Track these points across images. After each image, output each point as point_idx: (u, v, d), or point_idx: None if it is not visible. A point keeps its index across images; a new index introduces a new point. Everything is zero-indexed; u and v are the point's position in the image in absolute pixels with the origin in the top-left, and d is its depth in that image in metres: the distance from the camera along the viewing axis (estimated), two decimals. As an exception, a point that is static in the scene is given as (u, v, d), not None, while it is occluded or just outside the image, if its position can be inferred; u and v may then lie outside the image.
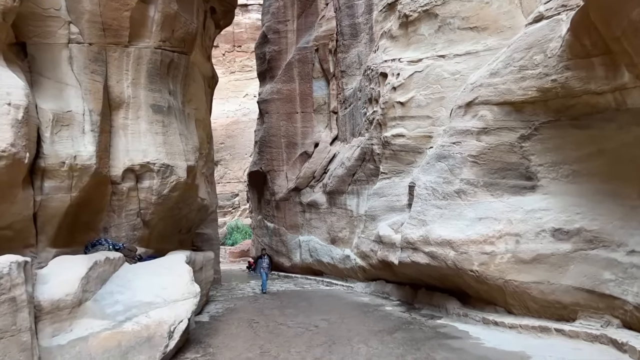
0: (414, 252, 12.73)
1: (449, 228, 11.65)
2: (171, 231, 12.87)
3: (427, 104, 15.52)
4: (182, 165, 10.41)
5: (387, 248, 15.51)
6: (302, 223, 24.25)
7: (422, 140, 15.63)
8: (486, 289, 11.04)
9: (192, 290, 8.78)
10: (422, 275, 13.51)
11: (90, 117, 8.96)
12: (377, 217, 16.99)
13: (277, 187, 25.76)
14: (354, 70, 23.09)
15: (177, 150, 10.31)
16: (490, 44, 14.29)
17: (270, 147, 26.20)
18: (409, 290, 15.29)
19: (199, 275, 13.14)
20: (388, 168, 16.76)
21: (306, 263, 23.62)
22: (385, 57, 17.58)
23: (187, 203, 12.41)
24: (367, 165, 18.47)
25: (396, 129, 16.24)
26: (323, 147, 24.34)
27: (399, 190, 16.09)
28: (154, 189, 10.02)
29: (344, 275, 20.36)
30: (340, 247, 20.50)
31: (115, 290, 8.06)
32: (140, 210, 10.21)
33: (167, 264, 9.37)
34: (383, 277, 17.11)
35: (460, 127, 12.21)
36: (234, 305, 15.49)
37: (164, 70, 10.65)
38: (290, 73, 25.78)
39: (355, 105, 21.23)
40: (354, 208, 19.63)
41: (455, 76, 15.03)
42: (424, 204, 12.65)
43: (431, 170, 12.92)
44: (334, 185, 20.81)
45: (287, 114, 25.73)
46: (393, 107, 16.39)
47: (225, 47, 54.26)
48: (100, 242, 9.45)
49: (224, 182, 48.66)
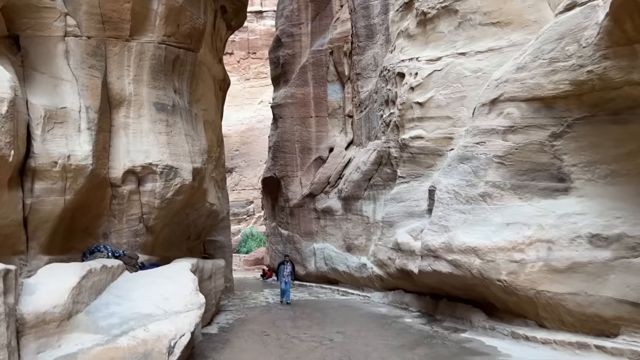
0: (436, 261, 11.92)
1: (473, 234, 10.83)
2: (178, 238, 12.25)
3: (447, 104, 14.74)
4: (187, 167, 9.76)
5: (406, 256, 14.71)
6: (317, 230, 23.52)
7: (442, 142, 14.83)
8: (515, 301, 10.18)
9: (196, 301, 8.10)
10: (444, 285, 12.68)
11: (87, 115, 8.35)
12: (394, 224, 16.20)
13: (291, 193, 25.10)
14: (370, 72, 22.41)
15: (182, 152, 9.69)
16: (515, 39, 13.47)
17: (284, 152, 25.58)
18: (430, 301, 14.44)
19: (207, 284, 12.50)
20: (406, 172, 15.98)
21: (321, 271, 22.86)
22: (402, 56, 16.87)
23: (194, 208, 11.78)
24: (384, 169, 17.70)
25: (414, 131, 15.48)
26: (338, 151, 23.64)
27: (418, 195, 15.29)
28: (157, 192, 9.36)
29: (361, 284, 19.55)
30: (356, 255, 19.71)
31: (112, 301, 7.41)
32: (143, 215, 9.57)
33: (170, 272, 8.72)
34: (401, 287, 16.28)
35: (484, 126, 11.41)
36: (245, 316, 14.78)
37: (169, 67, 10.06)
38: (305, 77, 25.18)
39: (371, 108, 20.51)
40: (370, 214, 18.85)
41: (477, 74, 14.23)
42: (446, 208, 11.85)
43: (453, 172, 12.12)
44: (349, 190, 20.07)
45: (301, 118, 25.12)
46: (411, 108, 15.64)
47: (240, 54, 54.07)
48: (99, 249, 8.82)
49: (239, 189, 48.23)
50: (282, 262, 18.18)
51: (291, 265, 17.91)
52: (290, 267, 17.65)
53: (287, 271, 17.34)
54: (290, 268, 17.62)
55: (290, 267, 17.67)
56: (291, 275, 17.58)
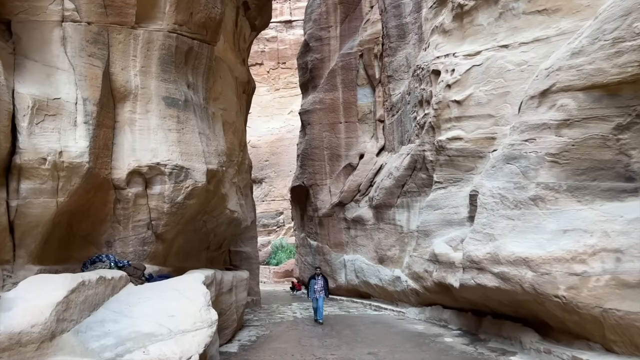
0: (480, 273, 10.60)
1: (524, 243, 9.49)
2: (196, 247, 11.33)
3: (488, 101, 13.47)
4: (200, 168, 8.81)
5: (445, 268, 13.40)
6: (347, 241, 22.34)
7: (483, 143, 13.54)
8: (576, 320, 8.77)
9: (206, 319, 7.08)
10: (489, 300, 11.32)
11: (85, 107, 7.46)
12: (431, 233, 14.91)
13: (320, 202, 24.03)
14: (402, 74, 21.30)
15: (194, 151, 8.75)
16: (564, 27, 12.12)
17: (312, 160, 24.58)
18: (472, 318, 13.06)
19: (227, 298, 11.51)
20: (443, 176, 14.71)
21: (352, 284, 21.63)
22: (437, 53, 15.70)
23: (212, 215, 10.85)
24: (419, 174, 16.46)
25: (452, 132, 14.24)
26: (369, 158, 22.50)
27: (457, 201, 13.99)
28: (166, 195, 8.39)
29: (394, 298, 18.23)
30: (390, 267, 18.43)
31: (109, 318, 6.47)
32: (151, 221, 8.63)
33: (180, 285, 7.75)
34: (439, 302, 14.92)
35: (533, 121, 10.11)
36: (269, 332, 13.72)
37: (181, 59, 9.17)
38: (333, 81, 24.22)
39: (404, 110, 19.34)
40: (404, 223, 17.59)
41: (521, 67, 12.93)
42: (491, 214, 10.55)
43: (498, 174, 10.82)
44: (381, 198, 18.86)
45: (330, 124, 24.12)
46: (448, 107, 14.42)
47: (270, 65, 53.70)
48: (100, 258, 7.93)
49: (269, 199, 47.50)
50: (312, 276, 16.15)
51: (323, 279, 15.74)
52: (322, 281, 15.57)
53: (319, 286, 15.37)
54: (322, 282, 15.54)
55: (322, 282, 15.57)
56: (324, 290, 15.48)
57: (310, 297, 15.79)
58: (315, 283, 15.39)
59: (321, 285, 15.31)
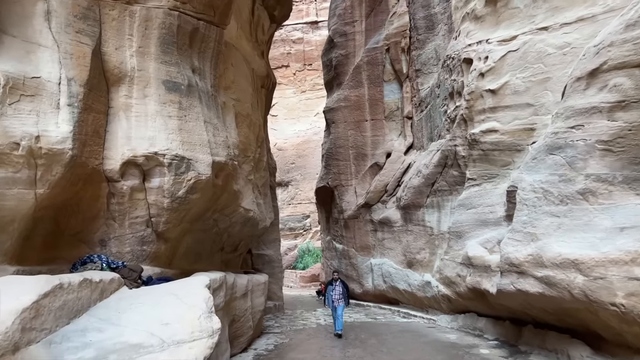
0: (520, 278, 9.44)
1: (572, 243, 8.32)
2: (208, 249, 10.52)
3: (526, 89, 12.29)
4: (204, 160, 7.94)
5: (479, 272, 12.24)
6: (374, 244, 21.25)
7: (521, 135, 12.36)
8: (637, 332, 7.56)
9: (206, 327, 6.20)
10: (530, 308, 10.13)
11: (69, 88, 6.66)
12: (464, 234, 13.75)
13: (345, 203, 23.03)
14: (431, 67, 20.18)
15: (198, 141, 7.90)
16: (613, 3, 10.89)
17: (337, 159, 23.61)
18: (510, 327, 11.85)
19: (241, 304, 10.66)
20: (477, 172, 13.55)
21: (379, 290, 20.52)
22: (469, 40, 14.56)
23: (224, 213, 10.02)
24: (450, 171, 15.30)
25: (486, 124, 13.09)
26: (396, 157, 21.40)
27: (492, 199, 12.82)
28: (166, 189, 7.54)
29: (424, 305, 17.07)
30: (419, 271, 17.28)
31: (93, 326, 5.65)
32: (151, 218, 7.80)
33: (179, 289, 6.91)
34: (474, 309, 13.72)
35: (581, 106, 8.94)
36: (289, 341, 12.80)
37: (184, 41, 8.35)
38: (359, 77, 23.23)
39: (433, 104, 18.22)
40: (434, 224, 16.44)
41: (563, 50, 11.73)
42: (532, 212, 9.38)
43: (540, 167, 9.66)
44: (409, 198, 17.74)
45: (356, 122, 23.11)
46: (481, 98, 13.28)
47: (296, 67, 53.06)
48: (91, 258, 7.14)
49: (295, 203, 46.72)
50: (330, 281, 14.02)
51: (342, 285, 13.67)
52: (341, 287, 13.54)
53: (338, 293, 13.43)
54: (341, 289, 13.51)
55: (341, 288, 13.53)
56: (344, 297, 13.47)
57: (327, 305, 13.88)
58: (333, 289, 13.55)
59: (340, 292, 13.46)
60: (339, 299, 13.43)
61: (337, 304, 13.39)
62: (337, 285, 13.62)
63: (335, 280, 13.77)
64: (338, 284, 13.63)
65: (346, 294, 13.69)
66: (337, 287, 13.57)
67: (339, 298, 13.44)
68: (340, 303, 13.38)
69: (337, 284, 13.65)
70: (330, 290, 13.66)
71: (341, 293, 13.48)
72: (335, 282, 13.69)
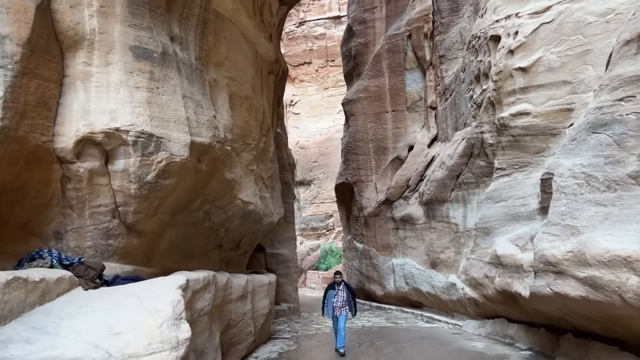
0: (558, 278, 8.03)
1: (623, 236, 6.90)
2: (201, 245, 9.46)
3: (562, 65, 10.85)
4: (180, 139, 6.76)
5: (510, 273, 10.83)
6: (396, 243, 19.89)
7: (556, 117, 10.92)
8: None
9: (169, 338, 5.07)
10: (570, 314, 8.68)
11: (2, 47, 5.60)
12: (492, 231, 12.35)
13: (365, 200, 21.72)
14: (455, 52, 18.73)
15: (173, 117, 6.73)
16: (665, -40, 9.37)
17: (356, 154, 22.32)
18: (546, 336, 10.40)
19: (238, 307, 9.54)
20: (506, 161, 12.14)
21: (401, 292, 19.16)
22: (497, 17, 13.14)
23: (216, 205, 8.92)
24: (476, 161, 13.88)
25: (516, 106, 11.69)
26: (419, 150, 19.99)
27: (524, 191, 11.40)
28: (132, 172, 6.38)
29: (449, 309, 15.66)
30: (443, 272, 15.88)
31: (20, 336, 4.58)
32: (118, 207, 6.67)
33: (143, 291, 5.80)
34: (504, 314, 12.28)
35: (631, 73, 7.50)
36: (296, 347, 11.65)
37: (159, 3, 7.13)
38: (379, 66, 21.90)
39: (458, 91, 16.79)
40: (459, 220, 15.01)
41: (606, 17, 10.29)
42: (573, 201, 7.96)
43: (581, 148, 8.23)
44: (432, 192, 16.35)
45: (376, 114, 21.79)
46: (510, 77, 11.88)
47: (319, 63, 51.91)
48: (40, 254, 6.08)
49: (318, 202, 45.56)
50: (331, 285, 11.19)
51: (347, 289, 11.11)
52: (345, 292, 10.98)
53: (341, 299, 10.84)
54: (346, 294, 10.97)
55: (346, 293, 10.99)
56: (348, 304, 10.92)
57: (327, 315, 11.12)
58: (335, 295, 10.89)
59: (344, 299, 10.86)
60: (342, 306, 10.83)
61: (338, 313, 10.78)
62: (341, 289, 11.00)
63: (338, 284, 11.06)
64: (342, 289, 11.02)
65: (352, 301, 11.03)
66: (341, 292, 10.97)
67: (341, 306, 10.83)
68: (342, 311, 10.82)
69: (341, 288, 11.02)
70: (331, 296, 10.97)
71: (345, 300, 10.90)
72: (338, 286, 11.03)
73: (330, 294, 11.01)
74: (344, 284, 11.15)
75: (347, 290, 11.05)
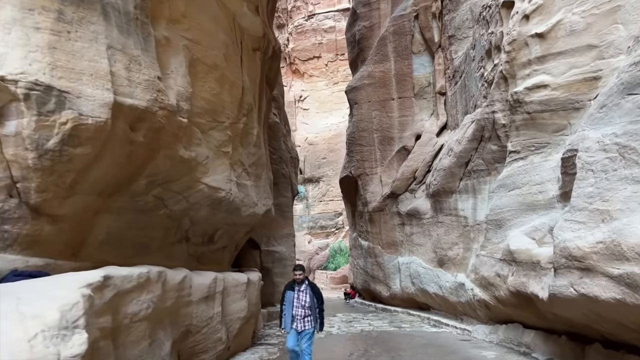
0: (585, 276, 6.45)
1: (672, 222, 5.32)
2: (159, 237, 8.04)
3: (587, 26, 9.22)
4: (97, 97, 5.18)
5: (525, 271, 9.25)
6: (402, 240, 18.34)
7: (580, 88, 9.30)
8: None
9: (44, 355, 3.68)
10: (599, 320, 7.07)
11: None
12: (505, 223, 10.77)
13: (370, 194, 20.20)
14: (466, 31, 17.12)
15: (89, 69, 5.20)
16: None
17: (360, 145, 20.81)
18: (568, 345, 8.79)
19: (202, 310, 8.13)
20: (521, 143, 10.55)
21: (407, 293, 17.60)
22: (510, -19, 11.54)
23: (171, 189, 7.44)
24: (487, 146, 12.30)
25: (532, 79, 10.10)
26: (427, 139, 18.42)
27: (542, 175, 9.80)
28: (27, 136, 4.93)
29: (458, 312, 14.06)
30: (451, 270, 14.29)
31: None
32: (15, 183, 5.19)
33: (29, 291, 4.42)
34: (518, 319, 10.68)
35: (679, 15, 5.90)
36: (277, 356, 10.22)
37: None
38: (384, 50, 20.37)
39: (468, 71, 15.19)
40: (468, 213, 13.42)
41: (640, -33, 8.63)
42: (603, 179, 6.38)
43: (612, 115, 6.65)
44: (439, 183, 14.78)
45: (381, 101, 20.26)
46: (525, 46, 10.30)
47: (328, 57, 50.39)
48: None
49: (327, 200, 44.05)
50: (290, 285, 7.69)
51: (311, 290, 7.59)
52: (308, 295, 7.49)
53: (302, 304, 7.45)
54: (309, 298, 7.48)
55: (309, 297, 7.48)
56: (313, 313, 7.50)
57: (284, 328, 7.63)
58: (295, 298, 7.46)
59: (306, 304, 7.43)
60: (305, 316, 7.41)
61: (299, 327, 7.40)
62: (302, 291, 7.49)
63: (299, 283, 7.51)
64: (304, 290, 7.50)
65: (318, 307, 7.57)
66: (302, 294, 7.47)
67: (303, 315, 7.40)
68: (306, 325, 7.40)
69: (302, 288, 7.50)
70: (290, 298, 7.50)
71: (308, 305, 7.44)
72: (299, 286, 7.51)
73: (287, 297, 7.56)
74: (307, 284, 7.61)
75: (310, 292, 7.53)
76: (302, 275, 7.59)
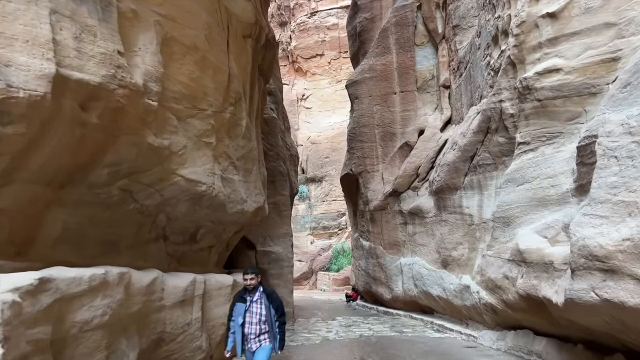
0: (608, 279, 5.60)
1: None
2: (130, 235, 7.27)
3: (603, 3, 8.41)
4: (33, 67, 4.37)
5: (536, 272, 8.40)
6: (404, 240, 17.48)
7: (596, 71, 8.46)
8: None
9: None
10: (623, 329, 6.22)
11: None
12: (513, 220, 9.93)
13: (371, 192, 19.35)
14: (471, 20, 16.29)
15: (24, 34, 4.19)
16: None
17: (361, 141, 19.97)
18: (585, 355, 7.93)
19: (177, 315, 7.38)
20: (531, 133, 9.71)
21: (410, 295, 16.74)
22: (518, -40, 10.68)
23: (140, 181, 6.66)
24: (494, 138, 11.45)
25: (543, 63, 9.28)
26: (430, 134, 17.57)
27: (555, 168, 8.96)
28: None
29: (463, 316, 13.20)
30: (455, 272, 13.43)
31: None
32: None
33: None
34: (529, 325, 9.82)
35: None
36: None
37: None
38: (385, 42, 19.53)
39: (473, 60, 14.35)
40: (474, 210, 12.55)
41: None
42: (629, 167, 5.54)
43: (638, 94, 5.80)
44: (442, 178, 13.93)
45: (382, 95, 19.41)
46: (535, 28, 9.46)
47: (331, 55, 49.52)
48: None
49: (329, 200, 43.16)
50: (240, 295, 6.13)
51: (266, 299, 5.96)
52: (263, 306, 5.90)
53: (257, 318, 5.87)
54: (265, 310, 5.89)
55: (265, 308, 5.89)
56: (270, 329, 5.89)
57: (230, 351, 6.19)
58: (248, 310, 5.92)
59: (260, 319, 5.88)
60: (259, 334, 5.89)
61: (253, 347, 5.89)
62: (255, 301, 5.95)
63: (250, 291, 5.99)
64: (257, 299, 5.95)
65: (277, 319, 6.02)
66: (255, 305, 5.93)
67: (257, 333, 5.88)
68: (261, 342, 5.89)
69: (255, 298, 5.96)
70: (240, 310, 5.96)
71: (264, 320, 5.90)
72: (251, 296, 5.98)
73: (237, 311, 6.02)
74: (261, 291, 6.04)
75: (266, 302, 5.95)
76: (255, 280, 5.96)
